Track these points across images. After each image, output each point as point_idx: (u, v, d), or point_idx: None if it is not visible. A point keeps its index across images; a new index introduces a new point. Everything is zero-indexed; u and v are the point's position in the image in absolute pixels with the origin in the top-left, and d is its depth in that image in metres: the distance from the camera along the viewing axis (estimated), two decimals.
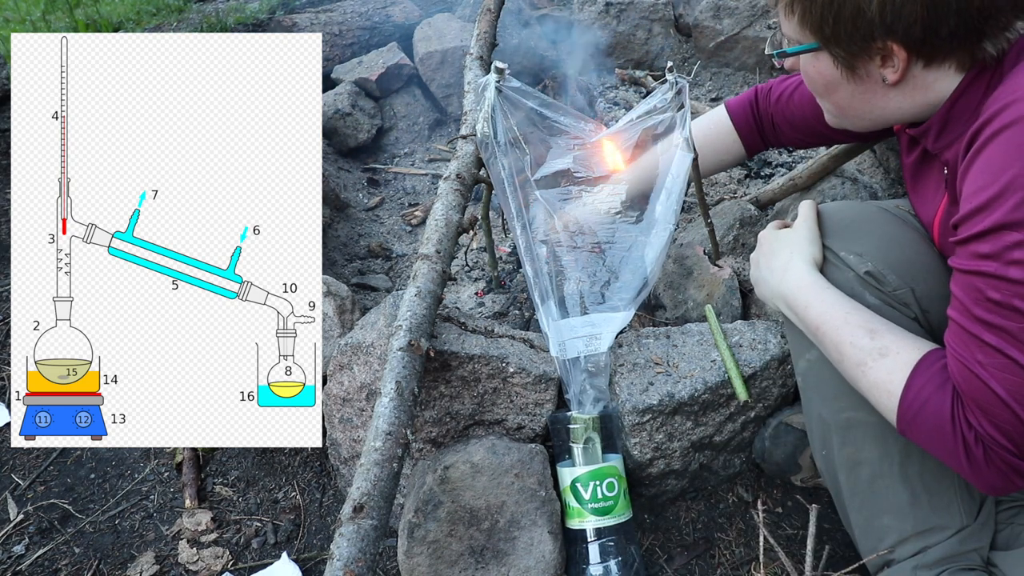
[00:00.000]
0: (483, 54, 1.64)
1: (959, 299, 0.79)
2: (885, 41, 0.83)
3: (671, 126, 1.33)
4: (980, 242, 0.75)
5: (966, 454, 0.80)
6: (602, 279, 1.31)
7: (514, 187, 1.30)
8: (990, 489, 0.83)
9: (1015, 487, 0.81)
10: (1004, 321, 0.74)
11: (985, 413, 0.77)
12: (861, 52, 0.86)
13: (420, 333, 1.06)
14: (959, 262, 0.79)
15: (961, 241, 0.78)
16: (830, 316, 0.94)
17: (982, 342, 0.76)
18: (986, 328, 0.76)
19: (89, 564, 1.27)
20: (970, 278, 0.77)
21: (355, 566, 0.83)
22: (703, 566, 1.22)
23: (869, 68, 0.88)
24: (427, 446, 1.23)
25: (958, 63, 0.84)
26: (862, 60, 0.87)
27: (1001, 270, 0.73)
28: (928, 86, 0.87)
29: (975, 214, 0.75)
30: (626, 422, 1.19)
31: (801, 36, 0.91)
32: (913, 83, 0.87)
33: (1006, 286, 0.73)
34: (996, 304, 0.74)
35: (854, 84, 0.91)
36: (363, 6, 2.60)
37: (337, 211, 1.97)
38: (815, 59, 0.93)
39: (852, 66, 0.89)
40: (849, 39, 0.85)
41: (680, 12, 2.52)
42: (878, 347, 0.88)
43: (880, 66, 0.87)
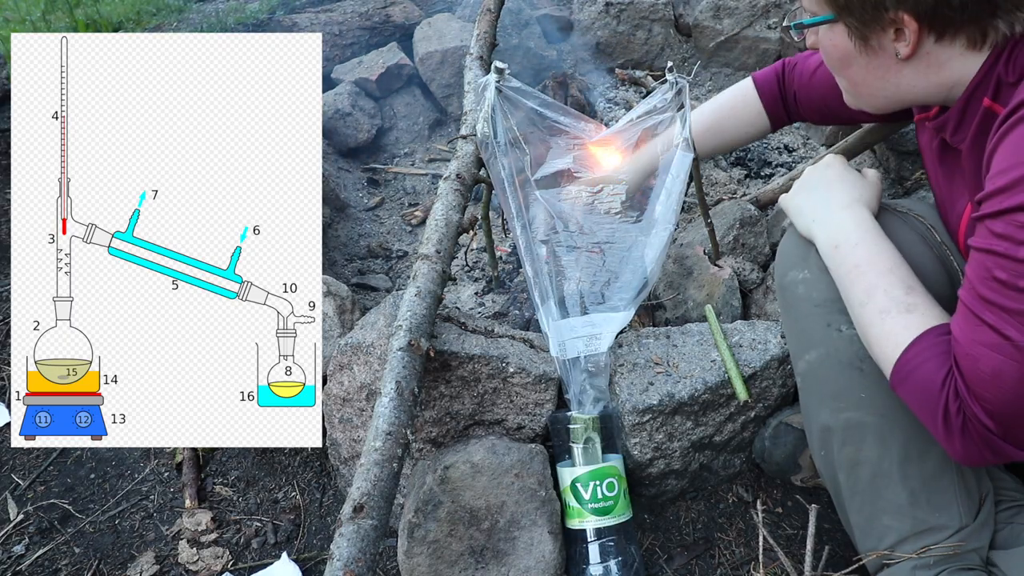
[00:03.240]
0: (483, 54, 1.64)
1: (968, 277, 0.80)
2: (897, 11, 0.83)
3: (671, 126, 1.33)
4: (996, 221, 0.76)
5: (944, 421, 0.82)
6: (602, 279, 1.31)
7: (514, 187, 1.30)
8: (963, 459, 0.85)
9: (987, 461, 0.83)
10: (1006, 301, 0.75)
11: (971, 388, 0.79)
12: (873, 23, 0.86)
13: (420, 333, 1.06)
14: (976, 240, 0.80)
15: (980, 218, 0.79)
16: (877, 260, 0.94)
17: (981, 320, 0.77)
18: (987, 307, 0.77)
19: (89, 564, 1.27)
20: (982, 257, 0.78)
21: (355, 566, 0.83)
22: (703, 566, 1.22)
23: (882, 41, 0.88)
24: (427, 446, 1.23)
25: (968, 39, 0.84)
26: (875, 31, 0.88)
27: (1012, 250, 0.74)
28: (941, 64, 0.87)
29: (997, 194, 0.76)
30: (626, 422, 1.19)
31: (818, 7, 0.92)
32: (926, 59, 0.87)
33: (1013, 266, 0.74)
34: (1001, 284, 0.75)
35: (868, 57, 0.91)
36: (363, 6, 2.60)
37: (337, 211, 1.97)
38: (831, 31, 0.93)
39: (865, 37, 0.89)
40: (862, 8, 0.86)
41: (680, 12, 2.52)
42: (908, 303, 0.89)
43: (893, 39, 0.87)
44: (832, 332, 1.01)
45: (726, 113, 1.34)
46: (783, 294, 1.11)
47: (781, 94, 1.38)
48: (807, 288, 1.05)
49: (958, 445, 0.82)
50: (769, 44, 2.36)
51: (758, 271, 1.54)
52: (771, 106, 1.40)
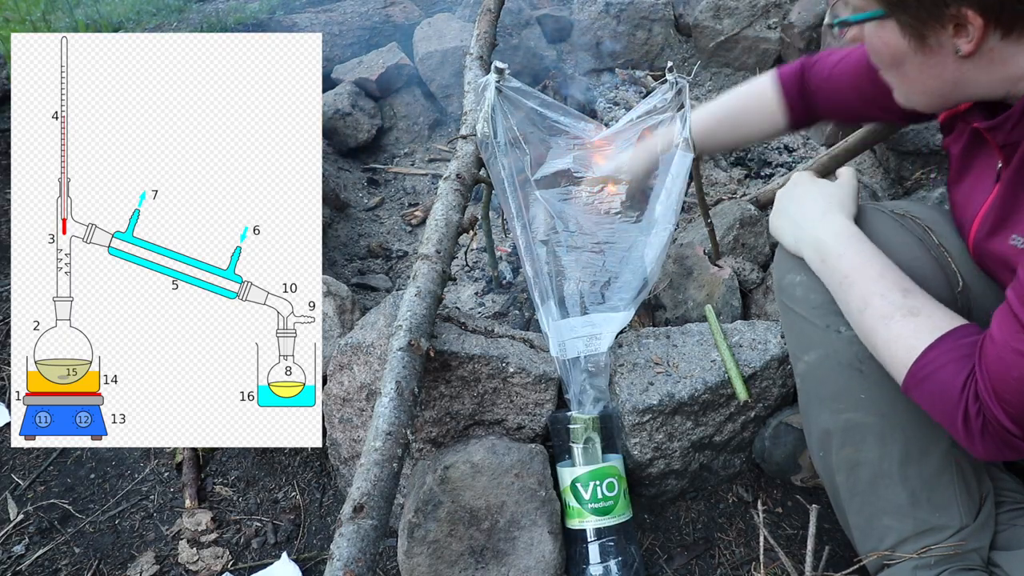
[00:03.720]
0: (483, 54, 1.64)
1: (1019, 279, 0.78)
2: (959, 7, 0.77)
3: (671, 126, 1.33)
4: None
5: (964, 422, 0.82)
6: (602, 279, 1.31)
7: (514, 187, 1.30)
8: (983, 457, 0.84)
9: (1005, 458, 0.83)
10: None
11: (996, 392, 0.78)
12: (932, 19, 0.80)
13: (420, 333, 1.06)
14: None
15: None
16: (865, 268, 0.93)
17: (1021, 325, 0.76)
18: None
19: (89, 564, 1.27)
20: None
21: (355, 566, 0.83)
22: (703, 566, 1.22)
23: (940, 38, 0.81)
24: (427, 446, 1.23)
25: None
26: (933, 29, 0.81)
27: None
28: (1007, 60, 0.80)
29: None
30: (626, 422, 1.19)
31: (866, 2, 0.85)
32: (989, 56, 0.81)
33: None
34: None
35: (923, 56, 0.84)
36: (363, 6, 2.60)
37: (337, 211, 1.97)
38: (880, 28, 0.86)
39: (921, 35, 0.82)
40: (919, 5, 0.79)
41: (680, 12, 2.52)
42: (910, 305, 0.88)
43: (953, 36, 0.80)
44: (831, 333, 1.01)
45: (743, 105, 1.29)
46: (782, 296, 1.11)
47: (802, 91, 1.31)
48: (805, 290, 1.04)
49: (979, 446, 0.82)
50: (769, 44, 2.36)
51: (758, 271, 1.54)
52: (792, 102, 1.31)
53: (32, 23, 2.83)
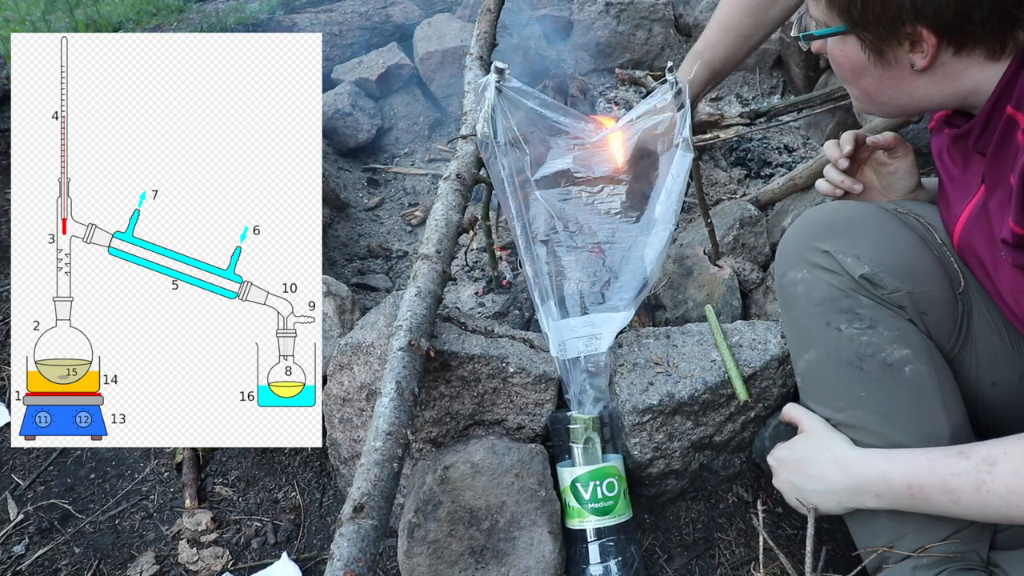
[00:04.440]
0: (483, 54, 1.64)
1: None
2: (915, 26, 0.82)
3: (671, 126, 1.33)
4: None
5: None
6: (602, 279, 1.31)
7: (514, 187, 1.30)
8: None
9: None
10: None
11: None
12: (890, 36, 0.85)
13: (420, 333, 1.06)
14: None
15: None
16: (914, 469, 0.90)
17: None
18: None
19: (89, 564, 1.27)
20: None
21: (355, 566, 0.83)
22: (703, 566, 1.22)
23: (897, 53, 0.87)
24: (427, 446, 1.23)
25: (987, 50, 0.83)
26: (890, 45, 0.86)
27: None
28: (958, 74, 0.86)
29: None
30: (626, 422, 1.19)
31: (829, 19, 0.91)
32: (943, 70, 0.86)
33: None
34: None
35: (882, 69, 0.90)
36: (363, 6, 2.60)
37: (337, 211, 1.97)
38: (842, 43, 0.92)
39: (880, 51, 0.88)
40: (878, 23, 0.85)
41: (680, 12, 2.52)
42: (981, 459, 0.84)
43: (909, 51, 0.86)
44: (832, 331, 1.01)
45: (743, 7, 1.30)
46: (782, 293, 1.11)
47: None
48: (806, 287, 1.04)
49: None
50: (769, 44, 2.36)
51: (758, 271, 1.54)
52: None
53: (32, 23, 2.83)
